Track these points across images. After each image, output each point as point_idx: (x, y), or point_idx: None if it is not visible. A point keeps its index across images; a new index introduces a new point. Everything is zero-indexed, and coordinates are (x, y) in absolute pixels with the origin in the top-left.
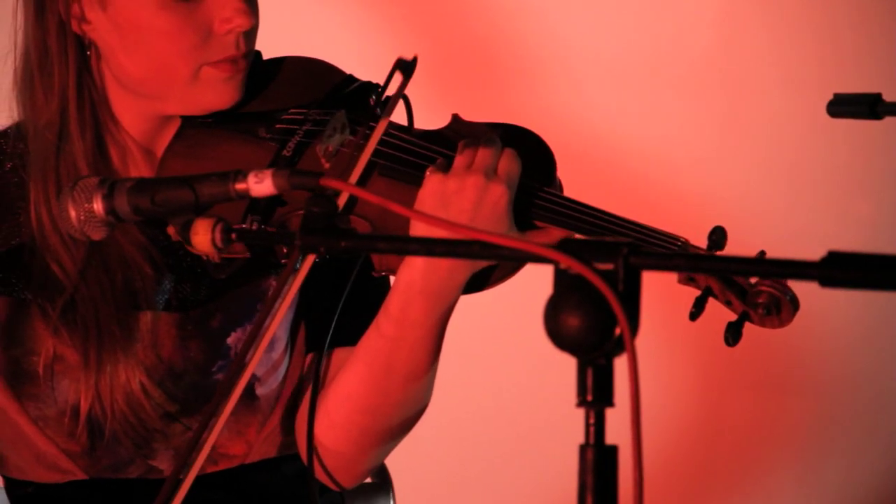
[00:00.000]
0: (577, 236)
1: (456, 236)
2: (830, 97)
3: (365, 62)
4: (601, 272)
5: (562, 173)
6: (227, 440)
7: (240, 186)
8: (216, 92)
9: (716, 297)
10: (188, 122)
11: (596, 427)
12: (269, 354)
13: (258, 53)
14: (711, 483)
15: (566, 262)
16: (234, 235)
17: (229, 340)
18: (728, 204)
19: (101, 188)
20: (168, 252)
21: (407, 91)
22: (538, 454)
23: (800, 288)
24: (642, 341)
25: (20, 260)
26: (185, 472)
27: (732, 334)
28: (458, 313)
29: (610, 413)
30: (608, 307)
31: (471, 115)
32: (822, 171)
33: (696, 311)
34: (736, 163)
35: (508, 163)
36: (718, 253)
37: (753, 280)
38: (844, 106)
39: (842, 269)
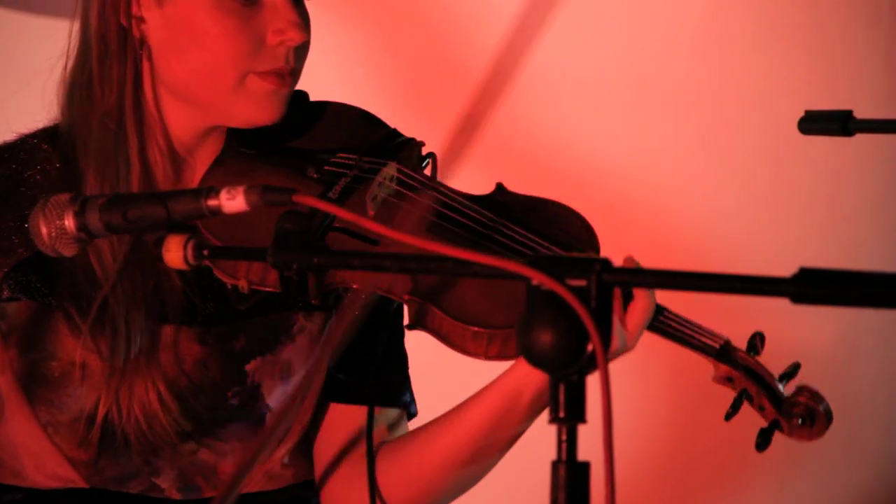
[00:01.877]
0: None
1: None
2: None
3: (342, 81)
4: (573, 289)
5: (543, 193)
6: (230, 466)
7: (212, 203)
8: (259, 106)
9: (750, 400)
10: (230, 149)
11: (568, 443)
12: (284, 388)
13: (305, 94)
14: (685, 500)
15: (538, 278)
16: (206, 252)
17: (248, 367)
18: (707, 222)
19: (73, 205)
20: (197, 269)
21: (384, 107)
22: (510, 470)
23: (774, 304)
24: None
25: (47, 264)
26: None
27: (763, 440)
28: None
29: (582, 429)
30: (580, 324)
31: (448, 139)
32: (801, 189)
33: (732, 412)
34: (714, 181)
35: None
36: (758, 358)
37: (790, 391)
38: (816, 123)
39: (813, 286)
